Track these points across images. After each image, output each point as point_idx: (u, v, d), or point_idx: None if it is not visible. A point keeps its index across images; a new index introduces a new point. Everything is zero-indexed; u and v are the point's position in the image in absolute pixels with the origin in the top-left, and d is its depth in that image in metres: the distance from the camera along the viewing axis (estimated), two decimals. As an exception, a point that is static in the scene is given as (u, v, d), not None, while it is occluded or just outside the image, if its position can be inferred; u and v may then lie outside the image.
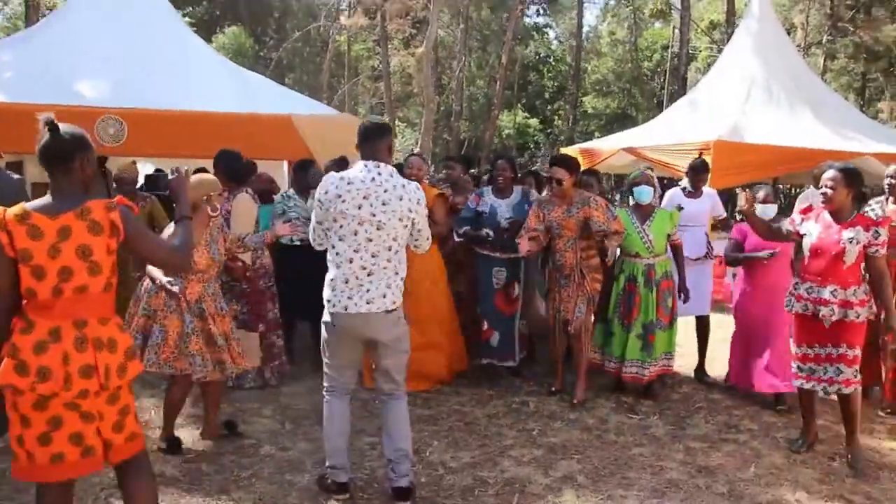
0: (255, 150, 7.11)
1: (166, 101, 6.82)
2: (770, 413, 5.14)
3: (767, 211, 5.03)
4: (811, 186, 9.71)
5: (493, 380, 5.68)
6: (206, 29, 22.65)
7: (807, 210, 4.43)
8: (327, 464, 3.73)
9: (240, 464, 4.12)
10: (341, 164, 6.51)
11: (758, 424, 4.96)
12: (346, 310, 3.52)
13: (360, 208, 3.47)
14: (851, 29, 21.59)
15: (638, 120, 21.78)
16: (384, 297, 3.54)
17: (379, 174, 3.53)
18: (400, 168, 5.35)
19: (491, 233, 5.50)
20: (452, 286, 5.85)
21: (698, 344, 6.04)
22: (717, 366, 6.06)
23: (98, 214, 2.60)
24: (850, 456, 4.28)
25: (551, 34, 34.50)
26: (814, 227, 4.28)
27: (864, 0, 21.63)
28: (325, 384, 3.77)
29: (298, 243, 5.88)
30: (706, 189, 6.37)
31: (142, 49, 7.32)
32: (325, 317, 3.65)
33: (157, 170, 12.58)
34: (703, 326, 6.08)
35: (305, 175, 6.09)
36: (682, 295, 5.43)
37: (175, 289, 3.88)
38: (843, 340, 4.17)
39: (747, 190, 4.63)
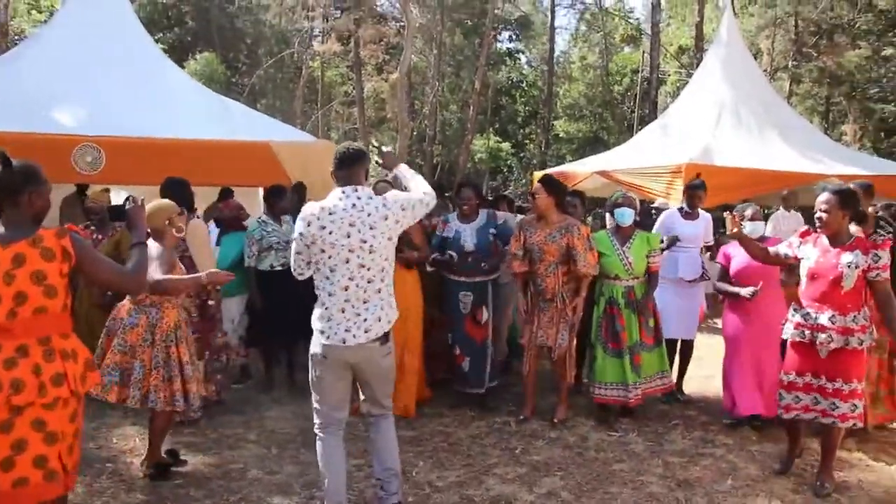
0: (234, 176, 7.17)
1: (144, 128, 6.81)
2: (744, 428, 5.24)
3: (756, 228, 5.07)
4: (780, 208, 9.99)
5: (474, 401, 5.71)
6: (177, 55, 22.46)
7: (806, 233, 4.31)
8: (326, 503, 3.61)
9: (228, 488, 4.15)
10: (298, 189, 6.59)
11: (733, 439, 5.08)
12: (343, 342, 3.43)
13: (348, 237, 3.41)
14: (815, 54, 22.10)
15: (609, 143, 21.99)
16: (380, 320, 3.48)
17: (359, 199, 3.47)
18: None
19: (454, 255, 5.51)
20: (428, 311, 5.80)
21: (679, 365, 6.10)
22: (692, 383, 6.23)
23: (49, 241, 2.74)
24: (819, 482, 4.18)
25: (523, 59, 34.86)
26: (811, 252, 4.16)
27: (827, 27, 22.19)
28: (316, 421, 3.64)
29: (280, 268, 5.95)
30: (702, 212, 6.32)
31: (118, 76, 7.30)
32: (316, 348, 3.52)
33: (128, 198, 12.41)
34: (686, 349, 6.14)
35: (279, 200, 6.15)
36: (644, 319, 5.35)
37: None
38: (839, 373, 4.02)
39: (734, 213, 4.59)
